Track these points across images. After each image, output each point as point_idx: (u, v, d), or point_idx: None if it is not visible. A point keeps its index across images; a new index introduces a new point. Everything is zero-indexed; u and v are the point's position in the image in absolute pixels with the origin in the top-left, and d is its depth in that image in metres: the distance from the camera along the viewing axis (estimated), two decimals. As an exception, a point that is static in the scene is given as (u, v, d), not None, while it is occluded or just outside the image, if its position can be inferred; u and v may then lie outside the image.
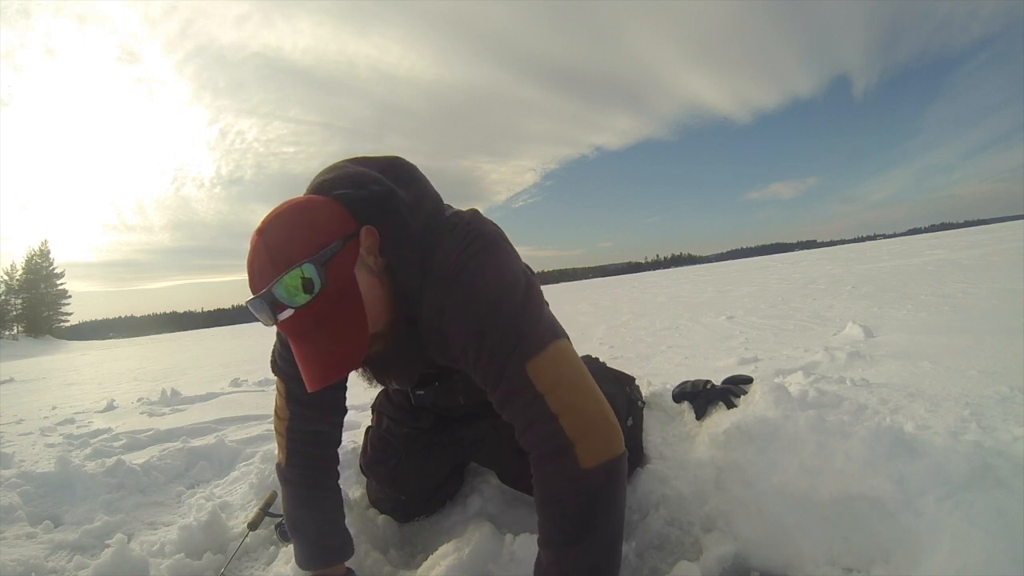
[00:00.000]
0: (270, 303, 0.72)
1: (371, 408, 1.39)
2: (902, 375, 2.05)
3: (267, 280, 0.72)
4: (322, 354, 0.75)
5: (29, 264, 41.28)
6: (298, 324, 0.74)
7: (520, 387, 0.80)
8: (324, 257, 0.73)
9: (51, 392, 5.81)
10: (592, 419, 0.80)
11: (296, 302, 0.72)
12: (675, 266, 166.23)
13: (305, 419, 1.02)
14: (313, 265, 0.72)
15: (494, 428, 1.24)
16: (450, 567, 1.02)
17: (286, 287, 0.71)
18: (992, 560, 0.82)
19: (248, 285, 0.75)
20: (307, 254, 0.72)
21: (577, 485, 0.78)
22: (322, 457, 1.06)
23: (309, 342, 0.75)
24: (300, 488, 1.03)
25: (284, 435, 1.03)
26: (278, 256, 0.73)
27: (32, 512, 1.54)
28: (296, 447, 1.03)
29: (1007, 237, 14.26)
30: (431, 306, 0.84)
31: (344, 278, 0.75)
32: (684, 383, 1.62)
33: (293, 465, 1.03)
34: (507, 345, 0.80)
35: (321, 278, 0.72)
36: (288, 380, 1.02)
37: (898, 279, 6.67)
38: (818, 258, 19.85)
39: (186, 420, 2.83)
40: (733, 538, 1.09)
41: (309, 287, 0.72)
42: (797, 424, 1.15)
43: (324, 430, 1.05)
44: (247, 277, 0.75)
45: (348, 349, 0.75)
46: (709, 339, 3.83)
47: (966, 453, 0.99)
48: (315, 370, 0.75)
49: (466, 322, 0.81)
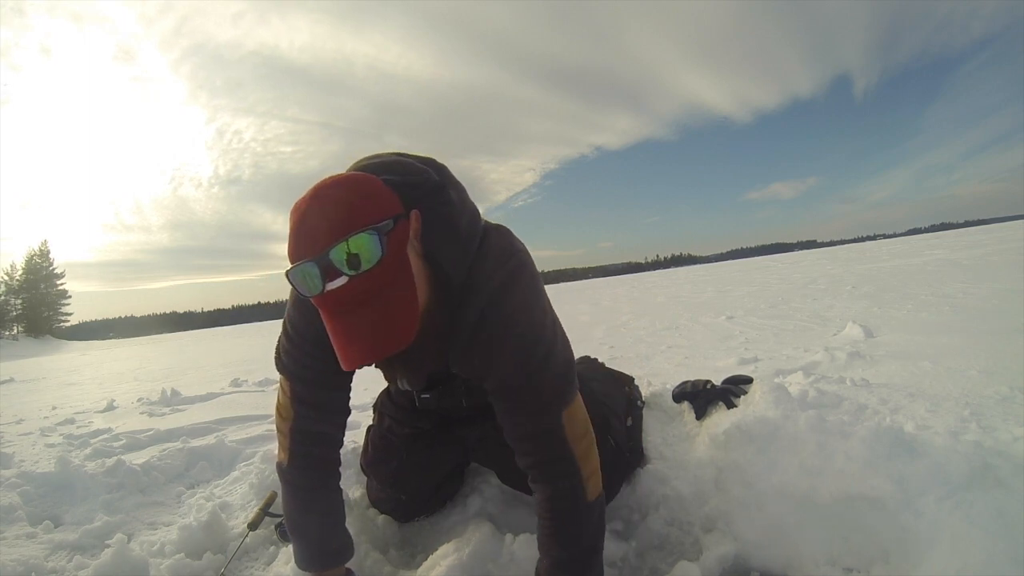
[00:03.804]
0: (323, 268, 0.68)
1: (372, 408, 1.39)
2: (902, 375, 2.05)
3: (323, 245, 0.67)
4: (373, 329, 0.70)
5: (29, 264, 41.27)
6: (349, 295, 0.69)
7: (553, 428, 0.90)
8: (384, 228, 0.70)
9: (51, 392, 5.81)
10: (596, 464, 0.94)
11: (353, 269, 0.68)
12: (675, 266, 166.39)
13: (309, 419, 1.00)
14: (376, 233, 0.69)
15: (495, 428, 1.24)
16: (450, 567, 1.02)
17: (346, 252, 0.67)
18: (992, 560, 0.82)
19: (290, 253, 0.71)
20: (368, 222, 0.69)
21: (589, 513, 0.92)
22: (325, 458, 1.04)
23: (357, 316, 0.70)
24: (301, 489, 1.02)
25: (287, 435, 1.01)
26: (337, 222, 0.68)
27: (32, 512, 1.54)
28: (299, 448, 1.01)
29: (1007, 237, 14.26)
30: (473, 309, 0.85)
31: (400, 253, 0.73)
32: (684, 383, 1.62)
33: (295, 466, 1.02)
34: (555, 389, 0.90)
35: (382, 247, 0.69)
36: (293, 379, 0.99)
37: (898, 279, 6.67)
38: (818, 258, 19.84)
39: (186, 420, 2.83)
40: (733, 538, 1.09)
41: (370, 253, 0.68)
42: (797, 424, 1.15)
43: (327, 431, 1.03)
44: (290, 245, 0.71)
45: (401, 326, 0.72)
46: (709, 339, 3.83)
47: (966, 453, 0.99)
48: (363, 345, 0.70)
49: (520, 351, 0.87)
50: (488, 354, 0.87)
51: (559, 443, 0.90)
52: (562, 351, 0.92)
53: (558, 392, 0.90)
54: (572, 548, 0.91)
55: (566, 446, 0.90)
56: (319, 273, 0.68)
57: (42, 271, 41.59)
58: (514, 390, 0.89)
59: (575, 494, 0.91)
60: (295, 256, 0.70)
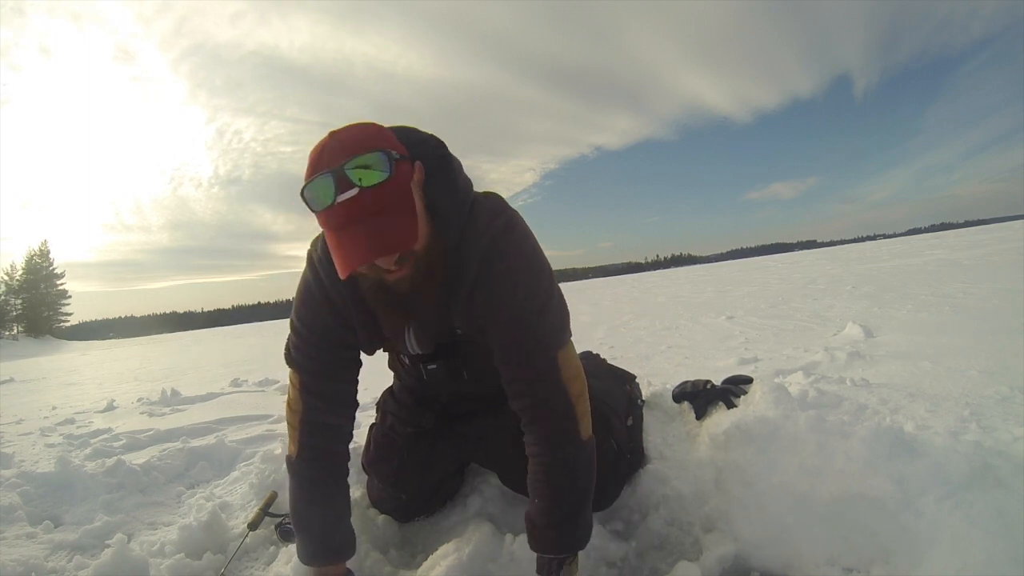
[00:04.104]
0: (337, 179, 0.75)
1: (375, 406, 1.40)
2: (902, 375, 2.05)
3: (339, 160, 0.76)
4: (375, 235, 0.77)
5: (29, 264, 41.25)
6: (357, 206, 0.76)
7: (547, 370, 0.95)
8: (393, 158, 0.79)
9: (51, 392, 5.81)
10: (587, 407, 0.99)
11: (367, 181, 0.76)
12: (675, 266, 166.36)
13: (317, 410, 1.02)
14: (386, 156, 0.78)
15: (497, 428, 1.24)
16: (450, 567, 1.02)
17: (361, 162, 0.76)
18: (992, 560, 0.82)
19: (307, 175, 0.78)
20: (381, 146, 0.79)
21: (582, 453, 0.97)
22: (333, 451, 1.05)
23: (363, 225, 0.77)
24: (308, 481, 1.03)
25: (296, 427, 1.02)
26: (351, 145, 0.78)
27: (32, 512, 1.54)
28: (308, 439, 1.02)
29: (1007, 237, 14.26)
30: (470, 265, 0.91)
31: (404, 183, 0.81)
32: (684, 383, 1.62)
33: (303, 458, 1.02)
34: (551, 333, 0.95)
35: (391, 168, 0.78)
36: (303, 372, 1.02)
37: (898, 279, 6.67)
38: (818, 258, 19.85)
39: (186, 420, 2.83)
40: (733, 538, 1.09)
41: (381, 168, 0.77)
42: (797, 424, 1.15)
43: (336, 423, 1.05)
44: (308, 171, 0.79)
45: (402, 234, 0.79)
46: (709, 339, 3.83)
47: (966, 453, 0.99)
48: (365, 247, 0.77)
49: (517, 298, 0.92)
50: (488, 305, 0.93)
51: (553, 383, 0.94)
52: (558, 299, 0.98)
53: (553, 334, 0.96)
54: (566, 487, 0.95)
55: (560, 386, 0.95)
56: (333, 184, 0.76)
57: (42, 271, 41.58)
58: (511, 334, 0.94)
59: (568, 432, 0.96)
60: (310, 173, 0.78)
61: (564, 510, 0.96)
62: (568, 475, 0.96)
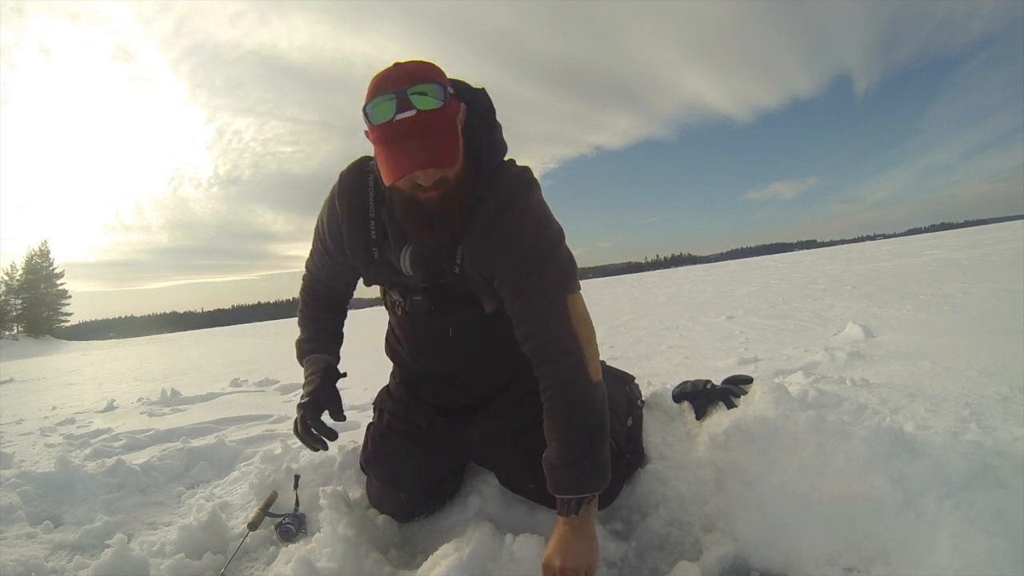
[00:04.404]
0: (400, 100, 0.87)
1: (372, 405, 1.40)
2: (902, 375, 2.05)
3: (403, 84, 0.88)
4: (425, 149, 0.89)
5: (29, 264, 41.23)
6: (412, 125, 0.88)
7: (555, 311, 1.01)
8: (448, 93, 0.91)
9: (51, 392, 5.81)
10: (596, 351, 1.05)
11: (423, 105, 0.88)
12: (675, 266, 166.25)
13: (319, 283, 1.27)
14: (441, 87, 0.90)
15: (497, 429, 1.24)
16: (450, 567, 1.02)
17: (421, 90, 0.88)
18: (992, 560, 0.82)
19: (370, 94, 0.90)
20: (438, 80, 0.91)
21: (594, 392, 1.02)
22: (331, 297, 1.29)
23: (414, 142, 0.89)
24: (308, 307, 1.28)
25: (301, 295, 1.30)
26: (415, 73, 0.90)
27: (32, 512, 1.54)
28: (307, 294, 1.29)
29: (1007, 237, 14.26)
30: (492, 204, 1.01)
31: (453, 115, 0.93)
32: (684, 383, 1.62)
33: (304, 300, 1.29)
34: (559, 277, 1.02)
35: (445, 99, 0.90)
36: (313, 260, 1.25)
37: (898, 279, 6.67)
38: (818, 258, 19.85)
39: (186, 420, 2.83)
40: (733, 538, 1.09)
41: (437, 98, 0.89)
42: (797, 424, 1.15)
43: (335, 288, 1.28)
44: (370, 92, 0.90)
45: (446, 154, 0.91)
46: (709, 339, 3.83)
47: (966, 453, 0.99)
48: (414, 157, 0.89)
49: (529, 243, 1.01)
50: (501, 246, 1.01)
51: (563, 324, 1.01)
52: (566, 252, 1.06)
53: (562, 279, 1.03)
54: (579, 426, 1.00)
55: (569, 327, 1.01)
56: (395, 104, 0.88)
57: (42, 271, 41.57)
58: (521, 276, 1.01)
59: (579, 371, 1.01)
60: (375, 93, 0.89)
61: (579, 449, 0.99)
62: (580, 415, 1.01)
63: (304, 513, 1.37)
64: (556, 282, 1.02)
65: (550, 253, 1.03)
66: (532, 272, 1.01)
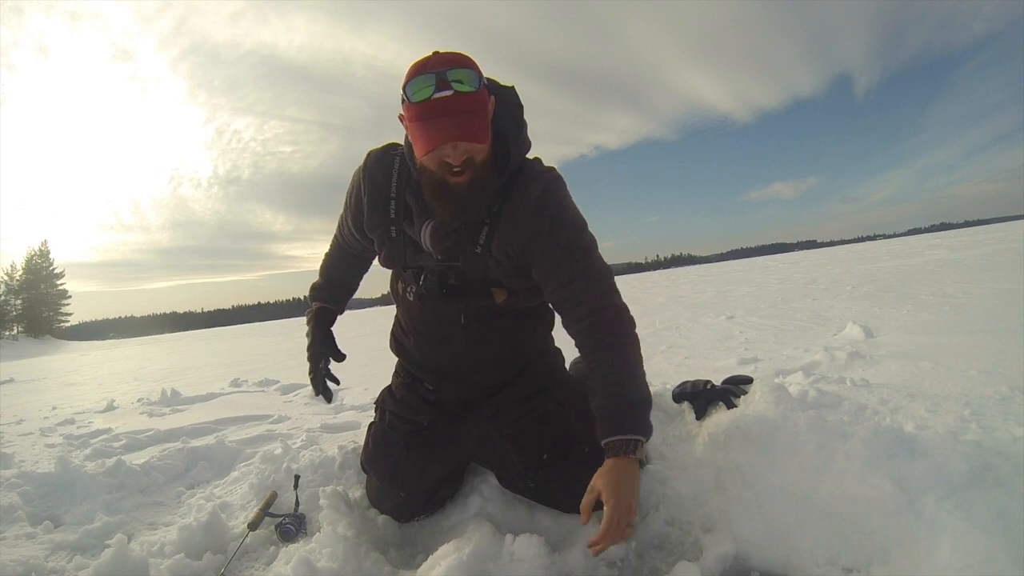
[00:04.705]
0: (439, 80, 0.96)
1: (374, 404, 1.41)
2: (902, 375, 2.05)
3: (443, 67, 0.97)
4: (459, 124, 0.98)
5: (29, 264, 41.21)
6: (449, 103, 0.96)
7: (599, 278, 1.14)
8: (482, 81, 1.01)
9: (51, 392, 5.81)
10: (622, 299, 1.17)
11: (460, 88, 0.97)
12: (675, 266, 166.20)
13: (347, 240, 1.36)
14: (477, 74, 1.00)
15: (497, 427, 1.24)
16: (450, 567, 1.02)
17: (459, 75, 0.97)
18: (992, 560, 0.82)
19: (410, 74, 0.98)
20: (474, 68, 1.00)
21: (636, 344, 1.14)
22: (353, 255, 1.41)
23: (448, 119, 0.97)
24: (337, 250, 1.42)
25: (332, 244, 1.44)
26: (453, 60, 0.99)
27: (32, 512, 1.54)
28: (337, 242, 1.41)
29: (1007, 237, 14.25)
30: (531, 193, 1.10)
31: (485, 101, 1.02)
32: (684, 383, 1.62)
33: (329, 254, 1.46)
34: (582, 247, 1.13)
35: (479, 85, 1.00)
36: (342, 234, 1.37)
37: (898, 279, 6.67)
38: (818, 258, 19.84)
39: (186, 420, 2.83)
40: (733, 538, 1.09)
41: (472, 83, 0.98)
42: (797, 424, 1.15)
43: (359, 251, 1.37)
44: (410, 72, 0.99)
45: (478, 132, 0.99)
46: (709, 339, 3.83)
47: (966, 453, 0.99)
48: (448, 130, 0.97)
49: (571, 230, 1.12)
50: (541, 230, 1.09)
51: (598, 277, 1.13)
52: (591, 233, 1.17)
53: (589, 248, 1.14)
54: (640, 370, 1.12)
55: (605, 280, 1.14)
56: (435, 83, 0.96)
57: (42, 271, 41.56)
58: (560, 255, 1.11)
59: (618, 312, 1.13)
60: (415, 74, 0.98)
61: (642, 391, 1.11)
62: (633, 356, 1.12)
63: (304, 513, 1.37)
64: (585, 250, 1.13)
65: (581, 231, 1.14)
66: (578, 258, 1.12)
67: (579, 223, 1.14)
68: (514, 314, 1.22)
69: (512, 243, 1.11)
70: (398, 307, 1.35)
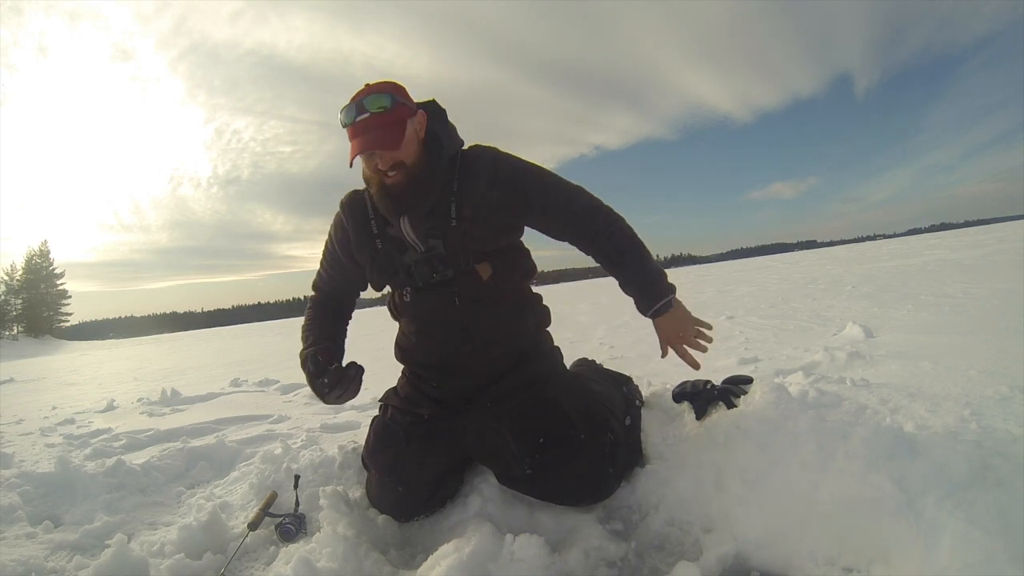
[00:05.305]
0: (358, 107, 1.18)
1: (378, 401, 1.45)
2: (902, 375, 2.05)
3: (362, 96, 1.19)
4: (373, 138, 1.18)
5: (29, 264, 41.21)
6: (365, 124, 1.18)
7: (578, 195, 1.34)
8: (397, 100, 1.20)
9: (51, 392, 5.81)
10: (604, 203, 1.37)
11: (373, 109, 1.18)
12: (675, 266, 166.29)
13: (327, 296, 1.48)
14: (390, 97, 1.20)
15: (494, 417, 1.26)
16: (450, 567, 1.02)
17: (374, 100, 1.18)
18: (993, 560, 0.82)
19: (343, 106, 1.21)
20: (390, 92, 1.21)
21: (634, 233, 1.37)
22: (337, 307, 1.48)
23: (369, 134, 1.18)
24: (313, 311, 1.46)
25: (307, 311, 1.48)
26: (377, 89, 1.21)
27: (32, 512, 1.54)
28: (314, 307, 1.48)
29: (1007, 237, 14.24)
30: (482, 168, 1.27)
31: (401, 115, 1.20)
32: (684, 383, 1.62)
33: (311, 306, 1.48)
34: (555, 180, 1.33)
35: (392, 105, 1.19)
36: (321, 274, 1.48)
37: (898, 279, 6.67)
38: (818, 258, 19.83)
39: (186, 420, 2.83)
40: (733, 538, 1.09)
41: (386, 104, 1.18)
42: (797, 424, 1.15)
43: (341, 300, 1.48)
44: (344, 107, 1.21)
45: (388, 140, 1.18)
46: (709, 339, 3.82)
47: (966, 453, 0.99)
48: (366, 143, 1.17)
49: (535, 171, 1.32)
50: (514, 182, 1.28)
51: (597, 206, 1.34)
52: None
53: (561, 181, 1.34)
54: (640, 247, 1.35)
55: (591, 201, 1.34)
56: (355, 110, 1.19)
57: (42, 271, 41.56)
58: (542, 193, 1.30)
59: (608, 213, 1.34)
60: (347, 103, 1.20)
61: (656, 265, 1.36)
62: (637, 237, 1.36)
63: (304, 513, 1.37)
64: (566, 184, 1.33)
65: (545, 173, 1.33)
66: (548, 187, 1.31)
67: (533, 165, 1.33)
68: (506, 300, 1.33)
69: (482, 204, 1.26)
70: (399, 319, 1.43)
